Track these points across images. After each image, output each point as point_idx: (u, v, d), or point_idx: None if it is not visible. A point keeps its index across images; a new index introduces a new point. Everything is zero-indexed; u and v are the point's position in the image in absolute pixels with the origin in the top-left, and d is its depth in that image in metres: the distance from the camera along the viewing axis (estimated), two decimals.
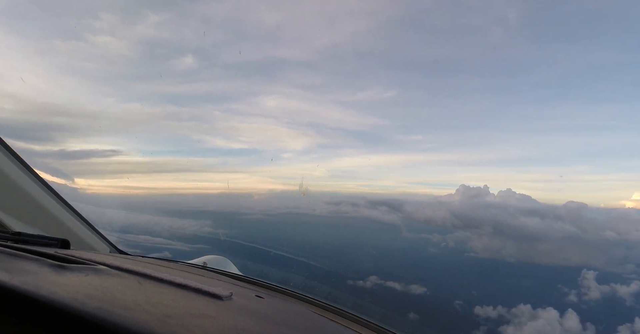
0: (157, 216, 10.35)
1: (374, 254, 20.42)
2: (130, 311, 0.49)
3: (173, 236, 8.73)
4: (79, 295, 0.50)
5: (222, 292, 0.73)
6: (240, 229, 26.91)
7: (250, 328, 0.58)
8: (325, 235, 32.60)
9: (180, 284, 0.74)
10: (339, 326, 1.13)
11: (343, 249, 20.72)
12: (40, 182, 1.68)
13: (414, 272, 24.07)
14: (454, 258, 44.73)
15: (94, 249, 1.80)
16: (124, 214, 4.99)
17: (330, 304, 1.33)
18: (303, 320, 0.93)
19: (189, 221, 23.30)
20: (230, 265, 2.10)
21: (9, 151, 1.58)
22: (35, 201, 1.64)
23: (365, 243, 28.55)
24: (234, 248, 5.41)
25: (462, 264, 40.20)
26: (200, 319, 0.54)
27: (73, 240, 1.19)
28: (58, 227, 1.70)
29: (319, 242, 23.80)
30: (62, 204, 1.76)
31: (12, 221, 1.58)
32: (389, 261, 21.39)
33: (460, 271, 34.72)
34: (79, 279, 0.62)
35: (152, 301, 0.57)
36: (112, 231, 1.93)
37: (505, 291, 29.94)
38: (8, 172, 1.56)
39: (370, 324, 1.24)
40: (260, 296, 0.98)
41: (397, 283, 10.33)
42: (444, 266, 34.86)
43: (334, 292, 2.77)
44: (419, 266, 30.47)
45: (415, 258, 34.72)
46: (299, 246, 16.91)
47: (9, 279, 0.50)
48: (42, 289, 0.49)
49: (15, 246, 0.80)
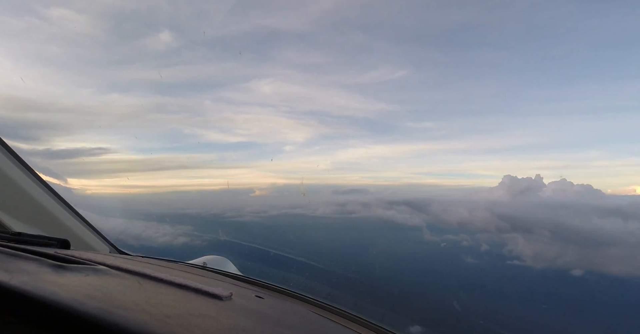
0: (156, 215, 10.30)
1: (395, 267, 17.00)
2: (130, 311, 0.49)
3: (172, 236, 8.72)
4: (78, 295, 0.50)
5: (222, 292, 0.73)
6: (239, 229, 25.88)
7: (250, 328, 0.58)
8: (332, 240, 28.48)
9: (180, 284, 0.74)
10: (339, 326, 1.13)
11: (352, 256, 18.36)
12: (40, 182, 1.69)
13: (435, 280, 19.32)
14: (492, 265, 33.56)
15: (94, 249, 1.80)
16: (122, 215, 4.98)
17: (330, 304, 1.33)
18: (303, 320, 0.93)
19: (188, 220, 22.98)
20: (230, 265, 2.10)
21: (9, 151, 1.58)
22: (35, 201, 1.64)
23: (381, 253, 23.15)
24: (233, 248, 5.40)
25: (508, 276, 30.03)
26: (200, 320, 0.54)
27: (73, 240, 1.19)
28: (58, 227, 1.70)
29: (323, 245, 22.15)
30: (62, 204, 1.76)
31: (12, 221, 1.58)
32: (407, 273, 17.63)
33: (506, 283, 25.53)
34: (78, 280, 0.62)
35: (152, 301, 0.57)
36: (110, 231, 1.93)
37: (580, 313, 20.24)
38: (8, 172, 1.56)
39: (370, 324, 1.24)
40: (260, 296, 0.98)
41: (423, 299, 7.93)
42: (478, 275, 26.47)
43: (334, 292, 2.77)
44: (443, 274, 24.18)
45: (439, 265, 28.61)
46: (299, 246, 16.34)
47: (9, 280, 0.50)
48: (42, 290, 0.49)
49: (15, 246, 0.80)
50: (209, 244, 6.41)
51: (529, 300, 21.56)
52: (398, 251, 26.25)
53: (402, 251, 25.59)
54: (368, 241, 34.81)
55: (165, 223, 8.99)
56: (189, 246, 7.35)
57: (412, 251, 28.42)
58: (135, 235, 6.80)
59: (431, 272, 21.39)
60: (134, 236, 6.26)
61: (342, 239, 32.36)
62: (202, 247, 6.73)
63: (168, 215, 10.58)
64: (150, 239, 7.74)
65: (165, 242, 7.89)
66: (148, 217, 9.29)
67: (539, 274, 33.04)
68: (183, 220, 21.67)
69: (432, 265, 24.57)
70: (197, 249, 2.36)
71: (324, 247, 20.05)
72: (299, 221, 38.87)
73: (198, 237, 8.39)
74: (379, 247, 28.24)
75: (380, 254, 23.39)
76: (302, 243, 19.56)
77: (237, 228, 25.84)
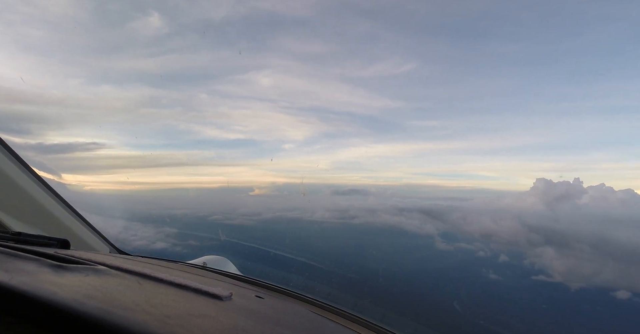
0: (154, 214, 10.26)
1: (407, 278, 14.97)
2: (130, 311, 0.49)
3: (171, 236, 8.70)
4: (78, 295, 0.50)
5: (222, 292, 0.73)
6: (238, 231, 25.24)
7: (250, 328, 0.58)
8: (333, 244, 25.89)
9: (180, 284, 0.74)
10: (339, 326, 1.13)
11: (352, 257, 17.04)
12: (40, 182, 1.69)
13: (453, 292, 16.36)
14: (517, 281, 28.16)
15: (94, 249, 1.80)
16: (120, 214, 4.99)
17: (330, 305, 1.33)
18: (303, 320, 0.93)
19: (187, 219, 22.78)
20: (230, 265, 2.10)
21: (9, 151, 1.58)
22: (35, 201, 1.64)
23: (389, 264, 19.43)
24: (234, 248, 5.41)
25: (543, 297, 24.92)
26: (200, 320, 0.54)
27: (73, 240, 1.19)
28: (58, 227, 1.70)
29: (323, 246, 20.87)
30: (62, 204, 1.76)
31: (12, 221, 1.58)
32: (410, 274, 15.92)
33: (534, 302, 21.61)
34: (78, 280, 0.62)
35: (151, 301, 0.57)
36: (108, 230, 1.93)
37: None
38: (8, 172, 1.56)
39: (370, 324, 1.24)
40: (260, 296, 0.98)
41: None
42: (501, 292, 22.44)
43: (334, 292, 2.77)
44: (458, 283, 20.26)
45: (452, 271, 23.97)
46: (299, 247, 15.95)
47: (9, 280, 0.50)
48: (41, 290, 0.49)
49: (15, 246, 0.80)
50: (209, 244, 6.41)
51: (529, 301, 19.85)
52: (408, 263, 23.08)
53: (418, 269, 21.22)
54: (371, 244, 30.98)
55: (164, 225, 8.97)
56: (188, 246, 7.35)
57: (428, 266, 24.37)
58: (133, 234, 6.77)
59: (436, 274, 19.92)
60: (132, 235, 6.23)
61: (343, 242, 29.72)
62: (202, 248, 6.73)
63: (170, 213, 10.56)
64: (149, 238, 7.72)
65: (165, 241, 7.88)
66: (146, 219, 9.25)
67: (575, 294, 27.05)
68: (183, 218, 21.39)
69: (447, 273, 21.85)
70: (197, 249, 2.35)
71: (324, 248, 19.51)
72: (299, 225, 35.84)
73: (197, 236, 8.36)
74: (384, 252, 24.80)
75: (383, 258, 21.05)
76: (302, 244, 19.05)
77: (235, 230, 24.97)
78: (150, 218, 9.66)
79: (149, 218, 9.31)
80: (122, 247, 1.94)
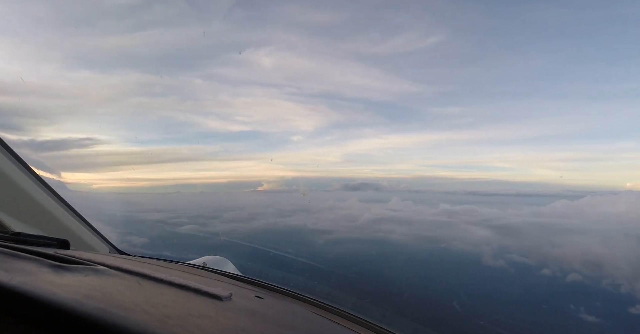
0: (153, 214, 10.26)
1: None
2: (129, 311, 0.49)
3: (171, 236, 8.70)
4: (78, 295, 0.50)
5: (222, 292, 0.73)
6: (239, 229, 24.76)
7: (249, 328, 0.58)
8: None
9: (179, 284, 0.74)
10: (339, 326, 1.13)
11: (353, 257, 15.41)
12: (40, 182, 1.69)
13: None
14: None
15: (93, 249, 1.80)
16: (120, 213, 4.98)
17: (330, 305, 1.33)
18: (303, 321, 0.93)
19: (187, 219, 22.59)
20: (230, 265, 2.10)
21: (9, 151, 1.58)
22: (35, 201, 1.64)
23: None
24: (233, 248, 5.41)
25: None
26: (200, 320, 0.54)
27: (73, 240, 1.19)
28: (58, 227, 1.70)
29: (323, 247, 19.37)
30: (61, 204, 1.76)
31: (12, 221, 1.58)
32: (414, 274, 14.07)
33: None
34: (78, 280, 0.62)
35: (151, 301, 0.57)
36: (107, 230, 1.93)
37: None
38: (8, 172, 1.56)
39: (370, 324, 1.24)
40: (259, 297, 0.98)
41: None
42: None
43: (334, 292, 2.77)
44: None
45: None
46: (300, 247, 15.57)
47: (9, 280, 0.50)
48: (41, 290, 0.49)
49: (14, 247, 0.80)
50: (209, 244, 6.41)
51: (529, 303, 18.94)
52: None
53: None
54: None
55: (164, 222, 8.97)
56: (188, 246, 7.34)
57: (428, 266, 21.58)
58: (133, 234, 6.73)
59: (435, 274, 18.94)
60: (132, 235, 6.20)
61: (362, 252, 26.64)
62: (201, 248, 6.73)
63: (169, 213, 10.55)
64: (147, 238, 7.69)
65: (165, 241, 7.87)
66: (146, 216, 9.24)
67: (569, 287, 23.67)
68: (182, 218, 21.08)
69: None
70: (196, 250, 2.35)
71: (324, 249, 18.86)
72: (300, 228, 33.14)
73: (197, 236, 8.34)
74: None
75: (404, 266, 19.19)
76: (302, 245, 18.46)
77: (241, 233, 23.83)
78: (150, 218, 9.66)
79: (149, 218, 9.32)
80: (121, 248, 1.94)
